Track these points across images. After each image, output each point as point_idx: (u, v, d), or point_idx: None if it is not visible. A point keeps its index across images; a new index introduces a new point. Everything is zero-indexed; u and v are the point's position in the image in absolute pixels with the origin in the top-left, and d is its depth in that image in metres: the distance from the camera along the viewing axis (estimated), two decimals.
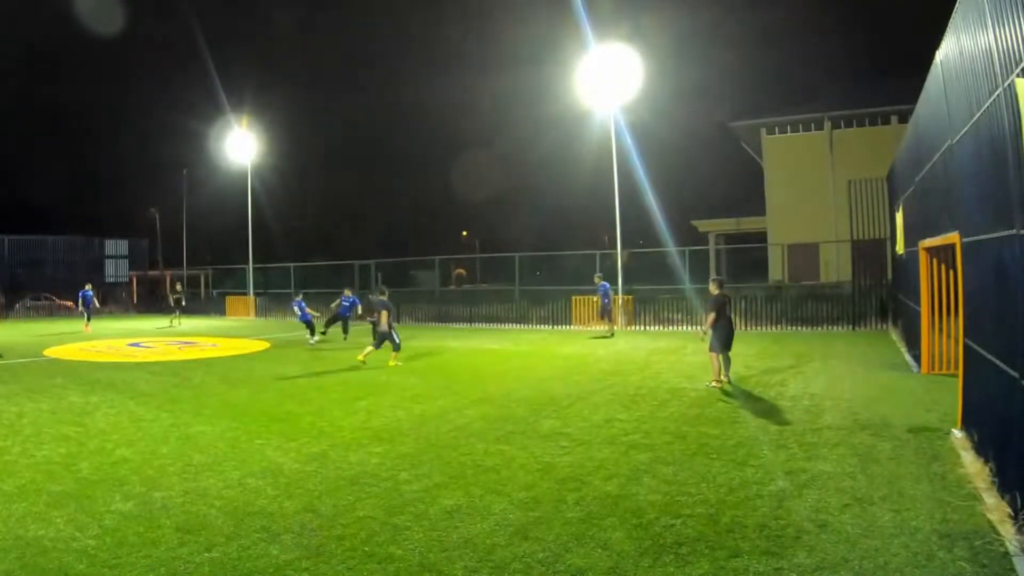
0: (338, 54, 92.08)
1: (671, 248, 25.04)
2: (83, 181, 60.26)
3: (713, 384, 9.58)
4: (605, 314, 18.99)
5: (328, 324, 18.12)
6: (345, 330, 17.82)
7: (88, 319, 23.56)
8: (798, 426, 7.22)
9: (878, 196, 18.96)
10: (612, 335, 18.51)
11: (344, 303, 17.59)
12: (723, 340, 9.58)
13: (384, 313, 12.83)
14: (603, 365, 12.56)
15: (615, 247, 22.64)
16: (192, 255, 42.83)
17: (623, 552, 4.10)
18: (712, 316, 9.52)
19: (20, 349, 16.78)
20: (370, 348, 12.97)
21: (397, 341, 12.92)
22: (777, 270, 30.09)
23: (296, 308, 17.53)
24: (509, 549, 4.18)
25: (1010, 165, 4.39)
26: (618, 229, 22.19)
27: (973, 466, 5.53)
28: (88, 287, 25.22)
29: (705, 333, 9.62)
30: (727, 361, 9.79)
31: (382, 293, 13.50)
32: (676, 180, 45.88)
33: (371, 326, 14.25)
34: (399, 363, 12.80)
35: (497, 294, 26.52)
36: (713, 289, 9.93)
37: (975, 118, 5.41)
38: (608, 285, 19.06)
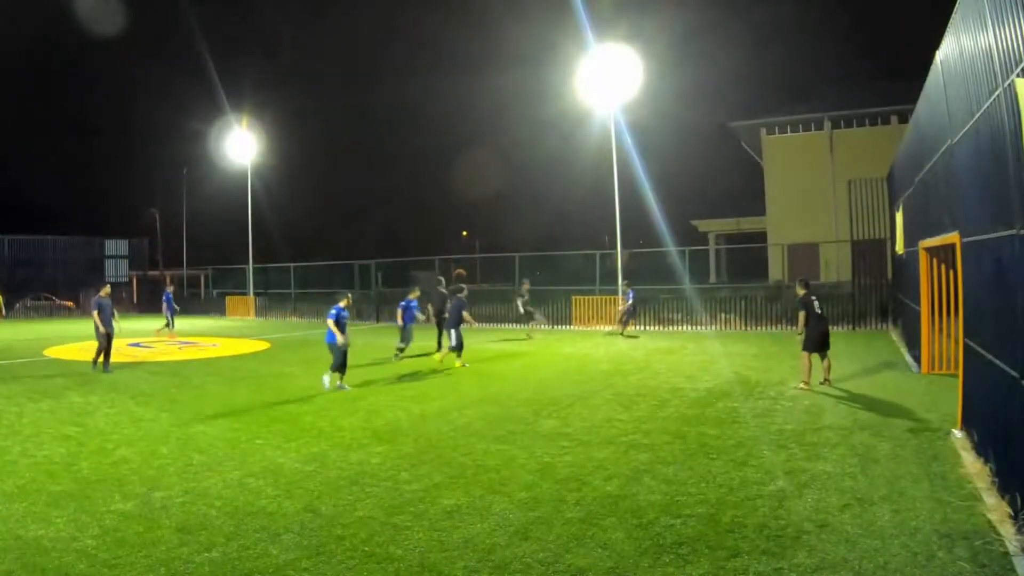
0: (338, 54, 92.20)
1: (671, 248, 25.04)
2: (83, 181, 60.33)
3: (801, 386, 9.30)
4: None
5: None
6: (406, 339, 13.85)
7: (170, 323, 20.43)
8: (798, 426, 7.22)
9: (878, 196, 18.96)
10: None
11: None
12: (814, 339, 9.39)
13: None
14: (603, 365, 12.55)
15: (615, 247, 22.64)
16: (192, 255, 42.85)
17: (623, 552, 4.10)
18: (803, 317, 9.43)
19: (21, 349, 16.79)
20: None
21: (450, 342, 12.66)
22: (777, 270, 30.05)
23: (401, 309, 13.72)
24: (509, 549, 4.18)
25: (1010, 165, 4.39)
26: (618, 229, 22.20)
27: (973, 466, 5.53)
28: (169, 288, 22.94)
29: (800, 334, 9.48)
30: (825, 361, 9.56)
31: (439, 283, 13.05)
32: (676, 180, 45.88)
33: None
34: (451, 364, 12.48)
35: (497, 294, 26.49)
36: (799, 290, 9.79)
37: (975, 118, 5.41)
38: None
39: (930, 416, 7.45)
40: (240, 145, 31.92)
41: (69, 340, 19.56)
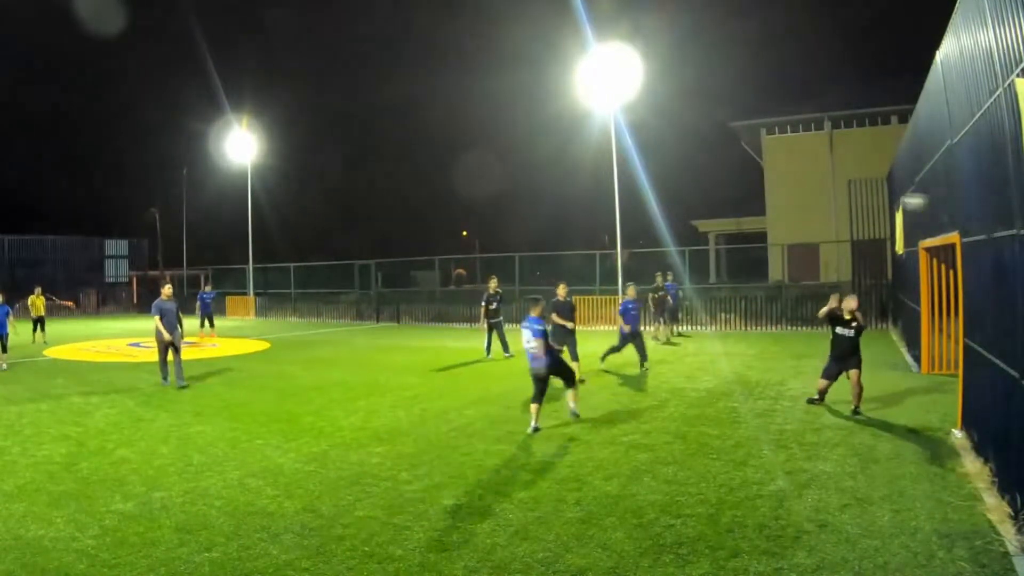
0: (338, 54, 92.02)
1: (671, 248, 25.03)
2: (83, 181, 60.25)
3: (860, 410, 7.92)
4: None
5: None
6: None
7: (210, 324, 20.26)
8: (798, 426, 7.22)
9: (878, 196, 18.98)
10: None
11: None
12: (834, 353, 8.15)
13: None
14: (603, 365, 12.53)
15: (615, 247, 22.63)
16: (192, 255, 42.82)
17: (623, 552, 4.10)
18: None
19: (21, 349, 16.78)
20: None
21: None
22: (777, 270, 30.06)
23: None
24: (509, 549, 4.18)
25: (1010, 165, 4.39)
26: (618, 229, 22.18)
27: (973, 466, 5.53)
28: (208, 288, 22.66)
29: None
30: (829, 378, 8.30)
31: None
32: (676, 180, 45.78)
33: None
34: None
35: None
36: (844, 303, 8.17)
37: (975, 118, 5.41)
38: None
39: (930, 416, 7.45)
40: (240, 145, 31.92)
41: (69, 340, 19.57)
